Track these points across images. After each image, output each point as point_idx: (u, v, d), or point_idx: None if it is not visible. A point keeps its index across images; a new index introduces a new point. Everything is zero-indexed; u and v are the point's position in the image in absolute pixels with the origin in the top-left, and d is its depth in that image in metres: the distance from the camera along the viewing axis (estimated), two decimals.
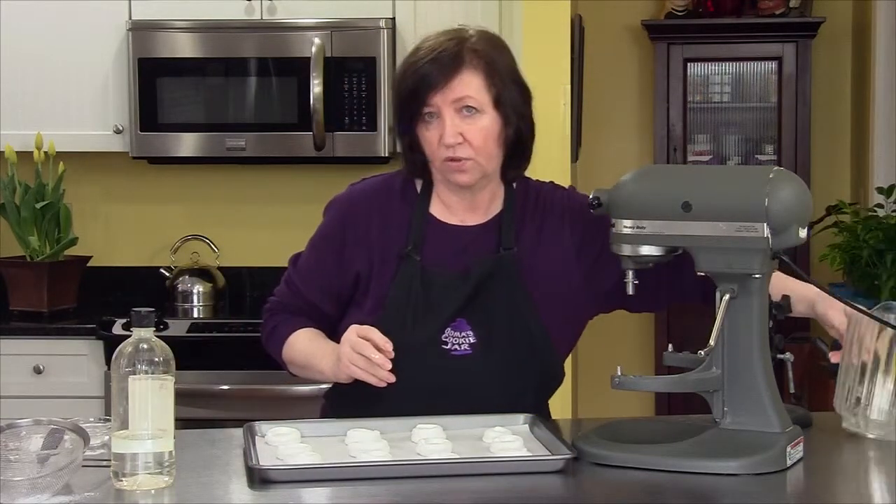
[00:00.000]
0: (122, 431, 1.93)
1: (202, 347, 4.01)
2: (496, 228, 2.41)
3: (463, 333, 2.35)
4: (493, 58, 2.35)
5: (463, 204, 2.42)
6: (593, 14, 4.78)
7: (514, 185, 2.45)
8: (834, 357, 2.27)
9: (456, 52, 2.33)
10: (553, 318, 2.37)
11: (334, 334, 2.40)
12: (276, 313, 2.48)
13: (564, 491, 2.01)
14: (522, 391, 2.37)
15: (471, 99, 2.32)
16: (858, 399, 2.20)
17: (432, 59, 2.32)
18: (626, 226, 2.14)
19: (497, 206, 2.43)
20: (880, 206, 4.34)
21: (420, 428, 2.16)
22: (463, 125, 2.32)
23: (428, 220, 2.41)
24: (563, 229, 2.42)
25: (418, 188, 2.44)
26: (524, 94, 2.40)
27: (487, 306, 2.36)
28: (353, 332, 2.24)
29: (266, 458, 2.04)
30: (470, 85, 2.32)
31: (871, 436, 2.19)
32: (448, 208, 2.43)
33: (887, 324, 2.17)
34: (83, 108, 4.27)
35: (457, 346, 2.35)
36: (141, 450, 1.92)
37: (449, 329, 2.35)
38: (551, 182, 2.52)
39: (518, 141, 2.38)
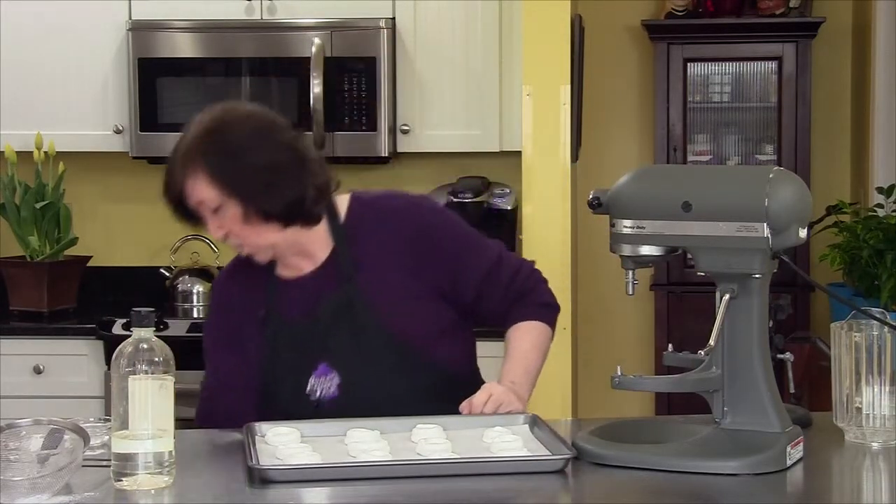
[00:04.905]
0: (122, 431, 1.93)
1: (202, 347, 3.99)
2: (333, 265, 2.42)
3: (329, 377, 2.38)
4: (209, 155, 2.30)
5: (293, 259, 2.44)
6: (593, 14, 4.77)
7: (342, 212, 2.44)
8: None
9: (182, 161, 2.33)
10: (415, 328, 2.39)
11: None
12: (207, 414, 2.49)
13: (564, 491, 2.01)
14: (409, 410, 2.30)
15: (207, 201, 2.33)
16: (859, 409, 2.19)
17: (170, 168, 2.35)
18: (626, 226, 2.14)
19: (329, 243, 2.44)
20: (880, 206, 4.33)
21: (420, 428, 2.16)
22: (218, 219, 2.34)
23: (275, 283, 2.45)
24: (401, 240, 2.43)
25: None
26: (269, 164, 2.31)
27: (343, 344, 2.38)
28: None
29: (266, 458, 2.04)
30: (201, 190, 2.33)
31: (875, 445, 2.18)
32: (287, 266, 2.45)
33: (886, 322, 2.17)
34: (83, 108, 4.27)
35: (326, 392, 2.38)
36: (141, 450, 1.93)
37: (313, 378, 2.38)
38: (388, 193, 2.52)
39: (273, 211, 2.32)
